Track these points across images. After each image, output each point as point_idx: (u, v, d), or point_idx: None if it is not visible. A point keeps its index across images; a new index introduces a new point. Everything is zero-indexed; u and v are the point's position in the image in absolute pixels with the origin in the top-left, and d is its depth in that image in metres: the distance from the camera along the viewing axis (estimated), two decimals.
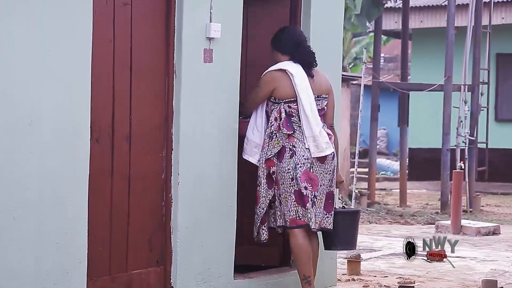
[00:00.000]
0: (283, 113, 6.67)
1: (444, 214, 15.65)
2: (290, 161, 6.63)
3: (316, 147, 6.65)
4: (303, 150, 6.64)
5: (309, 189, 6.64)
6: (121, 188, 6.04)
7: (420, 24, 22.06)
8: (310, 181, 6.65)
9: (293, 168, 6.62)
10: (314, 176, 6.66)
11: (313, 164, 6.65)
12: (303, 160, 6.63)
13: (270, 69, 6.79)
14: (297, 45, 6.81)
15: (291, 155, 6.63)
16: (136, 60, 6.10)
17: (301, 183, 6.61)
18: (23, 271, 5.28)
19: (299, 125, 6.69)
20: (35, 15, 5.32)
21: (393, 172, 25.04)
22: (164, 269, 6.33)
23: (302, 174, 6.62)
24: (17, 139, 5.25)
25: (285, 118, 6.67)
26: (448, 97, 16.50)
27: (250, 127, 6.82)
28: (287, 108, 6.69)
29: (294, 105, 6.69)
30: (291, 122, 6.67)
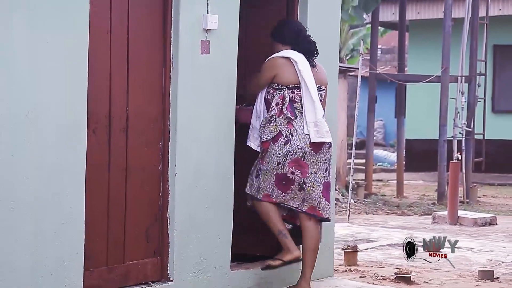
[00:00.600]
0: (287, 98, 6.72)
1: (441, 205, 15.69)
2: (283, 147, 6.68)
3: (317, 132, 6.70)
4: (299, 140, 6.67)
5: (297, 174, 6.71)
6: (118, 179, 6.04)
7: (417, 15, 22.06)
8: (299, 167, 6.71)
9: (283, 154, 6.68)
10: (305, 164, 6.71)
11: (305, 154, 6.69)
12: (296, 149, 6.68)
13: (273, 56, 6.84)
14: (298, 35, 6.88)
15: (286, 141, 6.68)
16: (133, 52, 6.10)
17: (288, 168, 6.69)
18: (20, 262, 5.29)
19: (301, 111, 6.74)
20: (32, 7, 5.31)
21: (390, 163, 25.07)
22: (161, 260, 6.34)
23: (291, 161, 6.69)
24: (14, 130, 5.25)
25: (289, 103, 6.71)
26: (445, 89, 16.52)
27: (254, 115, 6.89)
28: (290, 94, 6.74)
29: (298, 91, 6.75)
30: (293, 108, 6.72)
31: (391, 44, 31.48)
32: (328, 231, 7.67)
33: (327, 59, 7.54)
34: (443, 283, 8.07)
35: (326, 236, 7.61)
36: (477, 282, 8.15)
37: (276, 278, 7.14)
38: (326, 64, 7.52)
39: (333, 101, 7.67)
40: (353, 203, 14.87)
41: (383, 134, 31.15)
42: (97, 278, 5.88)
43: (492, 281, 8.17)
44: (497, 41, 21.19)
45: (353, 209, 14.43)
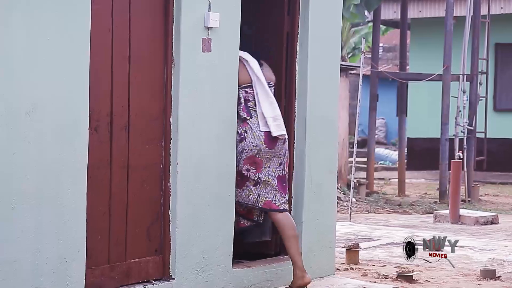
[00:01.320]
0: (241, 99, 6.83)
1: (442, 204, 15.68)
2: (238, 144, 6.79)
3: (277, 126, 6.85)
4: (254, 138, 6.78)
5: (251, 171, 6.82)
6: (120, 177, 6.04)
7: (419, 13, 22.04)
8: (253, 164, 6.81)
9: (239, 152, 6.79)
10: (259, 161, 6.81)
11: (260, 151, 6.80)
12: (251, 146, 6.79)
13: None
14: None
15: (241, 139, 6.78)
16: (134, 50, 6.10)
17: (243, 165, 6.79)
18: (22, 261, 5.29)
19: (255, 109, 6.84)
20: (33, 4, 5.31)
21: (391, 162, 25.06)
22: (163, 258, 6.34)
23: (246, 159, 6.79)
24: (15, 128, 5.25)
25: (244, 104, 6.81)
26: (446, 87, 16.50)
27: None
28: (244, 94, 6.86)
29: (251, 90, 6.88)
30: (248, 108, 6.80)
31: (393, 42, 31.47)
32: (330, 230, 7.66)
33: (328, 57, 7.54)
34: (445, 282, 8.06)
35: (327, 234, 7.61)
36: (478, 281, 8.14)
37: (277, 276, 7.13)
38: (328, 63, 7.53)
39: (334, 99, 7.66)
40: (354, 201, 14.86)
41: (385, 132, 31.14)
42: (99, 276, 5.88)
43: (493, 280, 8.16)
44: (499, 39, 21.17)
45: (354, 207, 14.42)
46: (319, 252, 7.49)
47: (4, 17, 5.17)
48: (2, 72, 5.18)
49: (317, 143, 7.42)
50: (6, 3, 5.17)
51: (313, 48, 7.34)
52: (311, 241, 7.42)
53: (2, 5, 5.15)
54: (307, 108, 7.34)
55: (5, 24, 5.17)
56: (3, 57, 5.18)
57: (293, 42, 7.34)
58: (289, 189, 7.32)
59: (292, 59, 7.34)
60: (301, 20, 7.33)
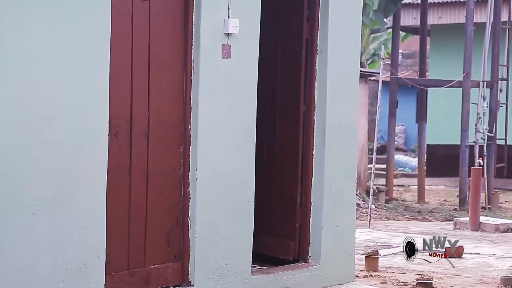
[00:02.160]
0: None
1: (462, 211, 15.60)
2: None
3: None
4: None
5: None
6: (139, 183, 6.05)
7: (438, 20, 21.96)
8: None
9: None
10: None
11: None
12: None
13: None
14: None
15: None
16: (154, 56, 6.11)
17: None
18: (42, 266, 5.31)
19: None
20: (52, 11, 5.34)
21: (411, 169, 24.97)
22: (182, 264, 6.34)
23: None
24: (35, 134, 5.27)
25: None
26: (466, 94, 16.43)
27: None
28: None
29: None
30: None
31: (412, 49, 31.39)
32: (349, 236, 7.64)
33: (348, 64, 7.52)
34: None
35: (346, 241, 7.59)
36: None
37: (296, 283, 7.12)
38: (347, 69, 7.51)
39: (353, 105, 7.65)
40: (374, 208, 14.82)
41: (404, 139, 31.04)
42: (118, 282, 5.89)
43: None
44: None
45: (374, 214, 14.37)
46: (338, 259, 7.46)
47: (25, 25, 5.20)
48: (22, 79, 5.20)
49: (336, 149, 7.40)
50: (26, 12, 5.20)
51: (332, 55, 7.33)
52: (330, 248, 7.40)
53: (22, 13, 5.18)
54: (327, 114, 7.32)
55: (25, 31, 5.20)
56: (23, 64, 5.21)
57: (312, 49, 7.34)
58: (308, 195, 7.31)
59: (311, 65, 7.34)
60: (321, 27, 7.32)
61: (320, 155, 7.34)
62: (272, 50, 7.43)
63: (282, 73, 7.50)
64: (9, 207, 5.16)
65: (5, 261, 5.14)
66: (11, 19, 5.14)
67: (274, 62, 7.40)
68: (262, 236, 7.20)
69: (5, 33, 5.12)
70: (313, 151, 7.35)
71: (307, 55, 7.36)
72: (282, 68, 7.48)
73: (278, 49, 7.50)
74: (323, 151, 7.33)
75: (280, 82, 7.52)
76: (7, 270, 5.15)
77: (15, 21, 5.16)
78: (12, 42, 5.15)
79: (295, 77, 7.27)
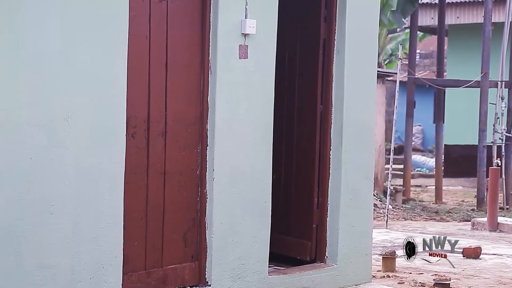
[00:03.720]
0: None
1: (480, 211, 15.55)
2: None
3: None
4: None
5: None
6: (157, 183, 6.06)
7: (456, 20, 21.89)
8: None
9: None
10: None
11: None
12: None
13: None
14: None
15: None
16: (171, 56, 6.12)
17: None
18: (60, 266, 5.33)
19: None
20: (71, 12, 5.36)
21: (428, 169, 24.91)
22: (199, 265, 6.35)
23: None
24: (53, 134, 5.29)
25: None
26: (484, 94, 16.37)
27: None
28: None
29: None
30: None
31: (430, 49, 31.30)
32: (366, 237, 7.63)
33: (365, 64, 7.51)
34: None
35: (364, 241, 7.57)
36: None
37: (313, 283, 7.11)
38: (365, 69, 7.50)
39: (370, 105, 7.63)
40: (391, 208, 14.79)
41: (422, 139, 30.95)
42: (136, 282, 5.90)
43: None
44: None
45: (391, 214, 14.34)
46: (355, 259, 7.46)
47: (43, 25, 5.22)
48: (41, 79, 5.23)
49: (353, 149, 7.39)
50: (44, 12, 5.22)
51: (349, 55, 7.32)
52: (348, 248, 7.39)
53: (41, 14, 5.21)
54: (344, 114, 7.31)
55: (43, 32, 5.22)
56: (42, 64, 5.23)
57: (329, 49, 7.33)
58: (325, 195, 7.31)
59: (328, 65, 7.33)
60: (338, 27, 7.31)
61: (337, 155, 7.34)
62: (289, 50, 7.42)
63: (299, 73, 7.50)
64: (27, 207, 5.18)
65: (24, 260, 5.17)
66: (30, 20, 5.17)
67: (292, 62, 7.38)
68: (279, 236, 7.20)
69: (24, 34, 5.15)
70: (330, 151, 7.34)
71: (324, 55, 7.36)
72: (299, 68, 7.47)
73: (296, 49, 7.50)
74: (340, 151, 7.32)
75: (297, 82, 7.52)
76: (26, 269, 5.18)
77: (34, 23, 5.18)
78: (30, 43, 5.17)
79: (312, 77, 7.25)
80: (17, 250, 5.13)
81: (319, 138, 7.35)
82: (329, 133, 7.33)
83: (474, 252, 9.82)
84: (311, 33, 7.38)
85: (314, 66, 7.34)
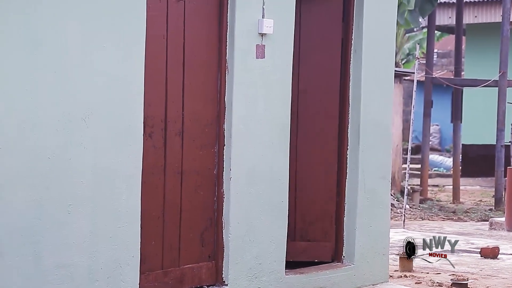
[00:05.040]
0: None
1: (498, 211, 15.49)
2: None
3: None
4: None
5: None
6: (174, 183, 6.07)
7: (474, 19, 21.81)
8: None
9: None
10: None
11: None
12: None
13: None
14: None
15: None
16: (189, 56, 6.13)
17: None
18: (78, 265, 5.35)
19: None
20: (89, 12, 5.38)
21: (446, 169, 24.82)
22: (216, 264, 6.35)
23: None
24: (71, 134, 5.31)
25: None
26: (502, 93, 16.30)
27: None
28: None
29: None
30: None
31: (448, 48, 31.20)
32: (383, 236, 7.61)
33: (382, 63, 7.50)
34: None
35: (381, 241, 7.56)
36: None
37: (330, 283, 7.10)
38: (382, 69, 7.49)
39: (388, 105, 7.62)
40: (408, 208, 14.75)
41: (439, 139, 30.87)
42: (153, 281, 5.92)
43: None
44: None
45: (408, 214, 14.31)
46: (372, 259, 7.44)
47: (61, 26, 5.24)
48: (59, 79, 5.25)
49: (370, 149, 7.38)
50: (63, 13, 5.24)
51: (367, 54, 7.31)
52: (365, 248, 7.38)
53: (59, 14, 5.23)
54: (361, 113, 7.31)
55: (61, 32, 5.24)
56: (60, 64, 5.25)
57: (347, 49, 7.32)
58: (342, 194, 7.30)
59: (346, 65, 7.32)
60: (355, 27, 7.31)
61: (354, 155, 7.33)
62: (307, 50, 7.41)
63: (317, 72, 7.48)
64: (46, 206, 5.20)
65: (42, 260, 5.19)
66: (49, 20, 5.19)
67: (309, 62, 7.37)
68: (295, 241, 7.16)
69: (43, 34, 5.17)
70: (348, 151, 7.34)
71: (342, 55, 7.35)
72: (317, 67, 7.46)
73: (314, 49, 7.48)
74: (358, 151, 7.31)
75: (315, 81, 7.50)
76: (44, 269, 5.20)
77: (53, 22, 5.20)
78: (49, 43, 5.19)
79: (330, 76, 7.25)
80: (35, 249, 5.16)
81: (337, 138, 7.32)
82: (346, 132, 7.32)
83: (492, 252, 9.78)
84: (329, 33, 7.37)
85: (332, 66, 7.33)
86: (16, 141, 5.08)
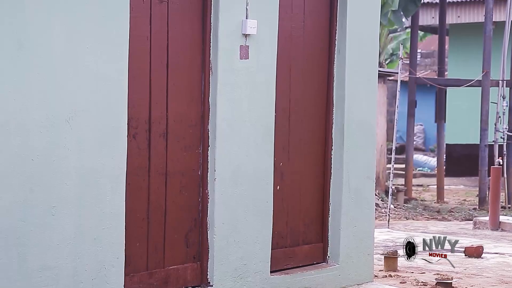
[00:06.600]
0: None
1: (482, 210, 15.55)
2: None
3: None
4: None
5: None
6: (158, 184, 6.07)
7: (457, 19, 21.90)
8: None
9: None
10: None
11: None
12: None
13: None
14: None
15: None
16: (172, 57, 6.13)
17: None
18: (62, 267, 5.33)
19: None
20: (72, 13, 5.36)
21: (430, 168, 24.91)
22: (201, 265, 6.35)
23: None
24: (55, 135, 5.30)
25: None
26: (486, 93, 16.37)
27: None
28: None
29: None
30: None
31: (431, 48, 31.31)
32: (368, 236, 7.63)
33: (366, 64, 7.52)
34: None
35: (365, 241, 7.58)
36: None
37: (315, 283, 7.12)
38: (366, 69, 7.50)
39: (372, 105, 7.64)
40: (392, 208, 14.79)
41: (423, 138, 30.96)
42: (138, 282, 5.91)
43: None
44: None
45: (393, 214, 14.34)
46: (357, 259, 7.46)
47: (45, 27, 5.23)
48: (43, 80, 5.23)
49: (355, 149, 7.40)
50: (46, 14, 5.23)
51: (350, 55, 7.33)
52: (350, 248, 7.39)
53: (43, 16, 5.21)
54: (345, 114, 7.32)
55: (45, 33, 5.23)
56: (44, 65, 5.23)
57: (330, 49, 7.33)
58: (327, 195, 7.31)
59: (329, 65, 7.33)
60: (339, 27, 7.32)
61: (338, 155, 7.34)
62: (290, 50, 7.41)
63: (300, 73, 7.49)
64: (30, 208, 5.19)
65: (26, 262, 5.17)
66: (33, 21, 5.17)
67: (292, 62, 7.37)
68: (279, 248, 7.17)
69: (27, 35, 5.15)
70: (332, 151, 7.35)
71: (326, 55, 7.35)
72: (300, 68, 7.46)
73: None
74: (342, 151, 7.33)
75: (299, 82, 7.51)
76: (28, 271, 5.19)
77: (37, 24, 5.19)
78: (33, 44, 5.18)
79: (313, 77, 7.25)
80: (19, 251, 5.14)
81: (322, 138, 7.33)
82: (330, 132, 7.34)
83: (476, 251, 9.82)
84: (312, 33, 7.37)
85: (315, 66, 7.34)
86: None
